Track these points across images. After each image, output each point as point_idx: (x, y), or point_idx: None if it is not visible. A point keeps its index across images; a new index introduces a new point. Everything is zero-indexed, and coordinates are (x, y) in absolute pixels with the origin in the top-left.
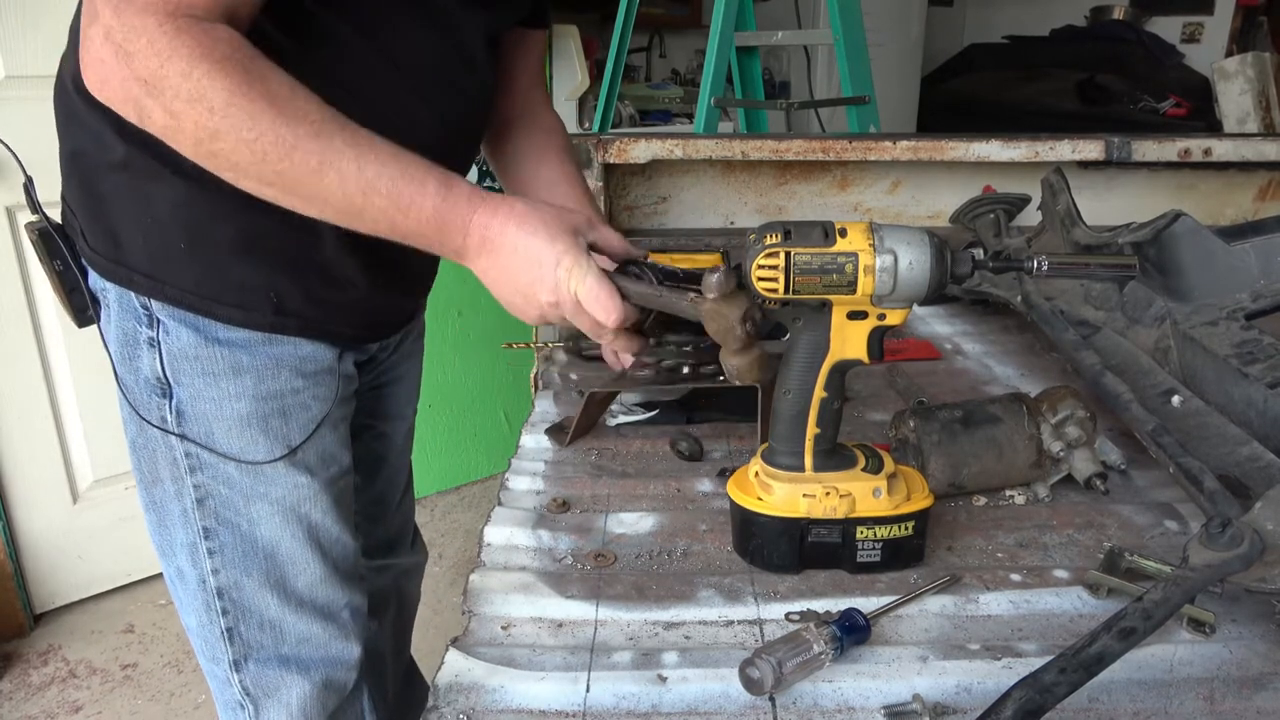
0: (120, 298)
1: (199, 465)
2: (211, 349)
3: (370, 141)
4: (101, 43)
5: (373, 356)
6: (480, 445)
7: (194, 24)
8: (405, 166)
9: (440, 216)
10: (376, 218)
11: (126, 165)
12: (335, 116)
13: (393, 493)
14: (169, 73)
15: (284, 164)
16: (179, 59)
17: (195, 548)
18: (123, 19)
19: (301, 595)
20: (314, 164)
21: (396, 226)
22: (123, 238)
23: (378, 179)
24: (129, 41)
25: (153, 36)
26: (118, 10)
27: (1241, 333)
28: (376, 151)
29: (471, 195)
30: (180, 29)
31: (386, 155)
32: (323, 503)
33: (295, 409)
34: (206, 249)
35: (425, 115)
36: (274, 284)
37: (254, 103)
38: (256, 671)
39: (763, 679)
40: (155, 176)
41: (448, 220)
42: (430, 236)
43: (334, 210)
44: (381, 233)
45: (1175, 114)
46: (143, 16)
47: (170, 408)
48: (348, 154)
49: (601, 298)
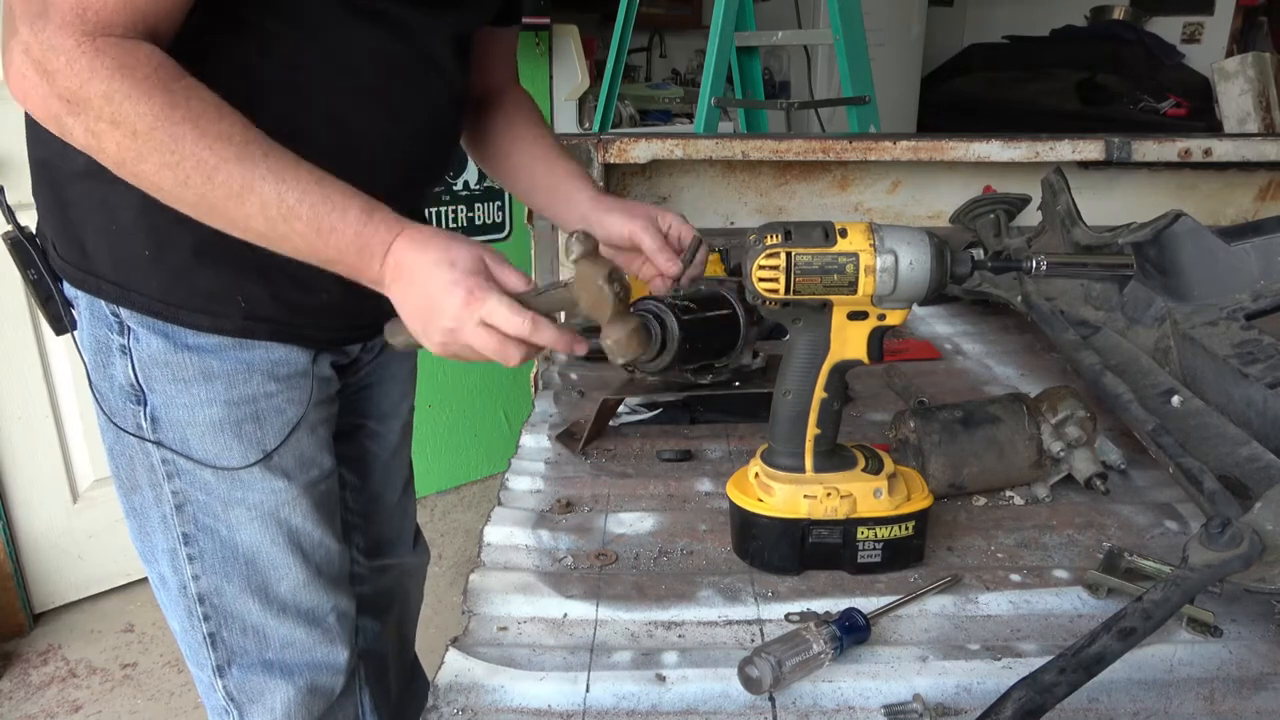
0: (91, 305)
1: (176, 472)
2: (181, 355)
3: (294, 167)
4: (21, 58)
5: (356, 358)
6: (480, 445)
7: (114, 44)
8: (328, 192)
9: (360, 242)
10: (298, 244)
11: (89, 173)
12: (259, 139)
13: (390, 491)
14: (90, 94)
15: (205, 187)
16: (99, 80)
17: (175, 554)
18: (40, 37)
19: (284, 600)
20: (235, 188)
21: (318, 251)
22: (89, 246)
23: (299, 204)
24: (48, 60)
25: (71, 56)
26: (34, 28)
27: (1241, 333)
28: (299, 176)
29: (393, 224)
30: (100, 49)
31: (309, 181)
32: (302, 507)
33: (269, 413)
34: (171, 255)
35: (383, 120)
36: (242, 288)
37: (176, 126)
38: (240, 677)
39: (762, 678)
40: (117, 183)
41: (366, 246)
42: (351, 263)
43: (257, 234)
44: (305, 258)
45: (1175, 114)
46: (60, 35)
47: (145, 414)
48: (269, 179)
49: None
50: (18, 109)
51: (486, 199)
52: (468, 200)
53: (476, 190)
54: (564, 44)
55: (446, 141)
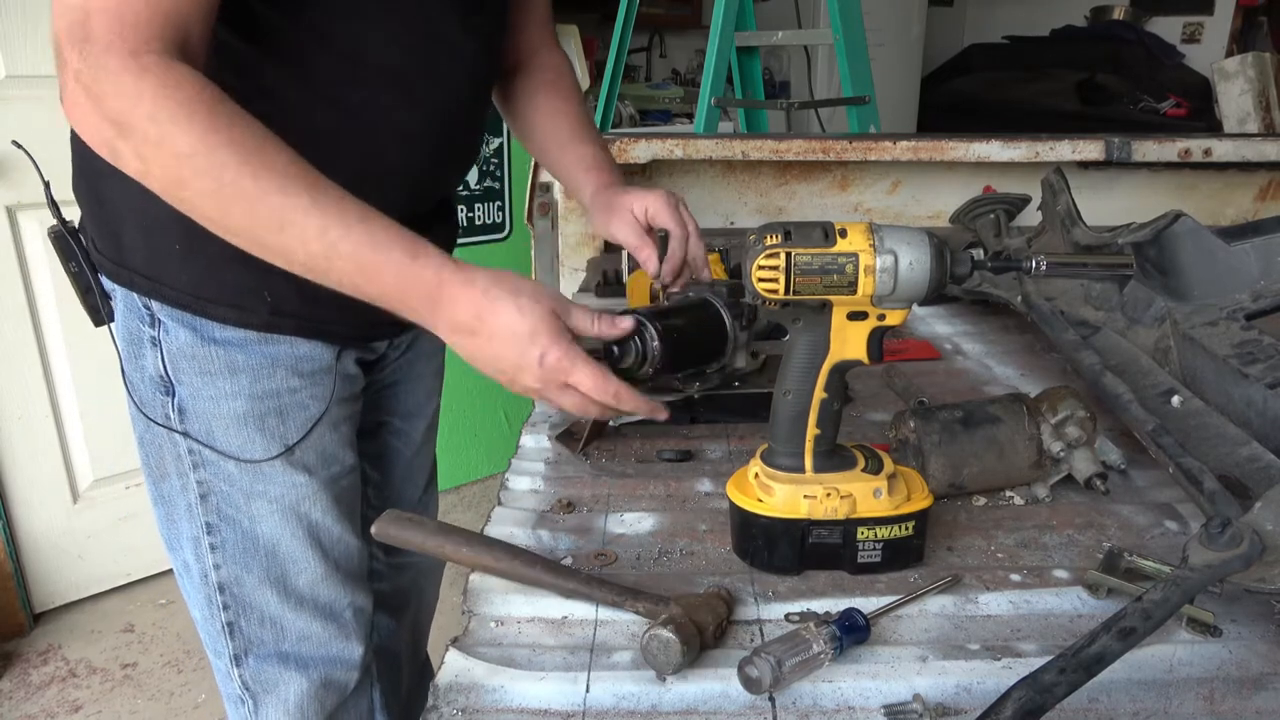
0: (125, 298)
1: (201, 462)
2: (208, 348)
3: (339, 202)
4: (74, 85)
5: (383, 355)
6: (480, 445)
7: (158, 63)
8: (372, 230)
9: (403, 285)
10: (341, 280)
11: None
12: (304, 170)
13: (412, 489)
14: (136, 116)
15: (247, 220)
16: (144, 101)
17: (199, 542)
18: (88, 61)
19: (302, 593)
20: (276, 222)
21: (360, 289)
22: (124, 240)
23: (341, 241)
24: (96, 83)
25: (118, 78)
26: (82, 53)
27: (1241, 333)
28: (343, 212)
29: (440, 266)
30: (145, 68)
31: (353, 218)
32: (323, 502)
33: (292, 408)
34: (201, 250)
35: (403, 110)
36: (268, 284)
37: (217, 151)
38: (256, 667)
39: (761, 678)
40: None
41: (410, 289)
42: (394, 304)
43: (300, 266)
44: (349, 293)
45: (1175, 114)
46: (106, 56)
47: (173, 405)
48: (313, 214)
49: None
50: (17, 109)
51: (486, 199)
52: (467, 200)
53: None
54: (564, 44)
55: (471, 128)
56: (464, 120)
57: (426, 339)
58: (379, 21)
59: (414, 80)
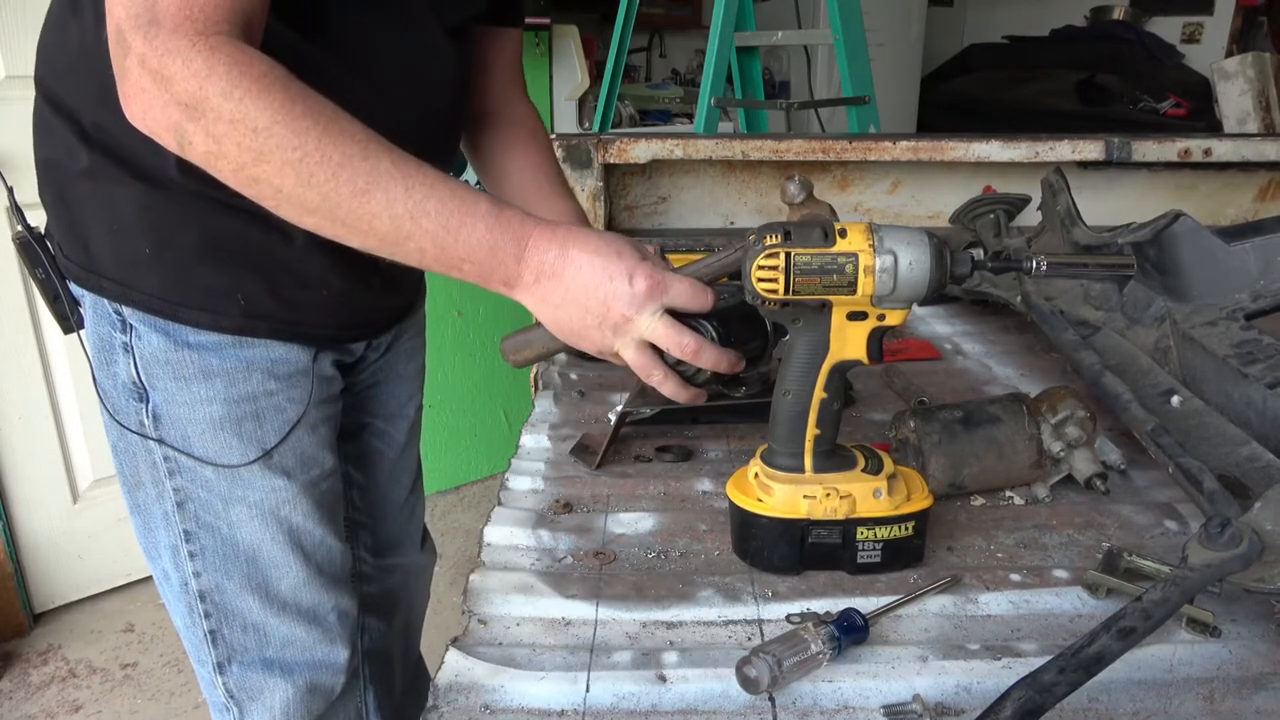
0: (95, 304)
1: (177, 469)
2: (181, 353)
3: (419, 165)
4: (139, 72)
5: (362, 356)
6: (480, 445)
7: (227, 42)
8: (455, 189)
9: (492, 238)
10: (424, 243)
11: (92, 173)
12: (378, 138)
13: (397, 491)
14: (209, 93)
15: (329, 185)
16: (217, 78)
17: (177, 550)
18: (154, 43)
19: (284, 599)
20: (361, 185)
21: (445, 251)
22: (92, 245)
23: (426, 200)
24: (165, 65)
25: (188, 57)
26: (148, 36)
27: (1241, 333)
28: (424, 173)
29: (525, 219)
30: (215, 47)
31: (435, 178)
32: (303, 505)
33: (269, 411)
34: (171, 253)
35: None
36: (241, 286)
37: (298, 120)
38: (240, 674)
39: (760, 677)
40: (119, 182)
41: (499, 245)
42: (481, 262)
43: (378, 236)
44: (427, 263)
45: (1175, 114)
46: (175, 38)
47: (147, 412)
48: (396, 175)
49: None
50: (17, 109)
51: None
52: None
53: None
54: (564, 44)
55: (449, 129)
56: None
57: (406, 339)
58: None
59: (395, 80)
